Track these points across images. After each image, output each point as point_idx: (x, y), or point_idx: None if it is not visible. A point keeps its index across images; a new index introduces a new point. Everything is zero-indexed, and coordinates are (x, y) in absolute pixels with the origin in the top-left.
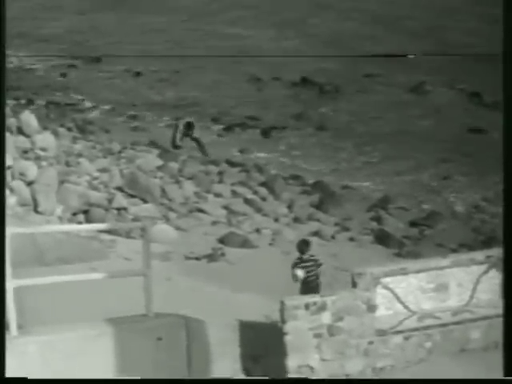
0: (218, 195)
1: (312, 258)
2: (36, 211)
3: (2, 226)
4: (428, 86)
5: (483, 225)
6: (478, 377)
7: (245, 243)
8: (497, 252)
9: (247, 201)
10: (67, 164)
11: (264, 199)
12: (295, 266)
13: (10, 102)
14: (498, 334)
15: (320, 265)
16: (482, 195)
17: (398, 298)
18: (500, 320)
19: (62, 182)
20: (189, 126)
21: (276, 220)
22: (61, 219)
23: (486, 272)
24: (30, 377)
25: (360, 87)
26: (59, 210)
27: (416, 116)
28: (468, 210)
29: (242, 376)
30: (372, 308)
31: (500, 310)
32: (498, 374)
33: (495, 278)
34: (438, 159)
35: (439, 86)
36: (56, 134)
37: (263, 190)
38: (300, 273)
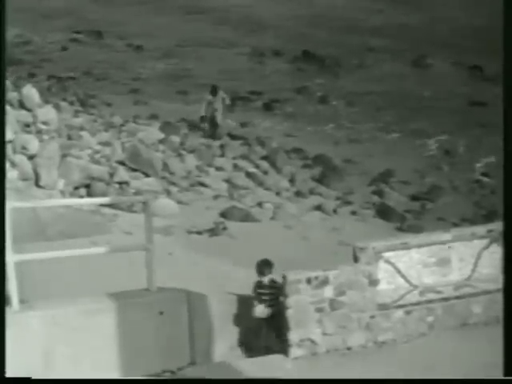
0: (219, 169)
1: (275, 284)
2: (37, 185)
3: (2, 200)
4: (429, 59)
5: (484, 199)
6: (479, 351)
7: (246, 217)
8: (498, 226)
9: (249, 174)
10: (69, 138)
11: (266, 173)
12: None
13: (11, 76)
14: (499, 308)
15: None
16: (483, 170)
17: (399, 273)
18: (501, 294)
19: (63, 156)
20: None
21: (278, 194)
22: (62, 193)
23: (487, 246)
24: (31, 351)
25: (361, 60)
26: (61, 183)
27: (417, 90)
28: (469, 184)
29: (243, 349)
30: (374, 282)
31: (501, 285)
32: (499, 349)
33: (496, 253)
34: (439, 133)
35: (440, 59)
36: (58, 107)
37: (265, 164)
38: (260, 310)
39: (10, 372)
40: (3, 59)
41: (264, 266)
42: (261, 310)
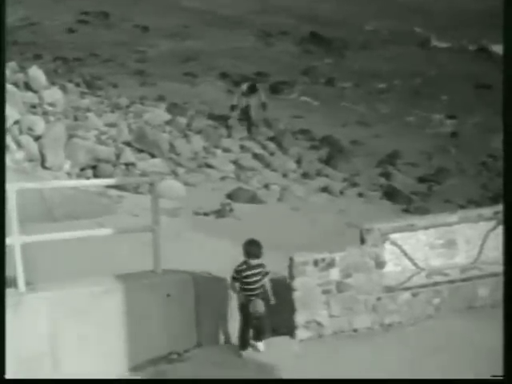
0: (226, 150)
1: (261, 266)
2: (44, 166)
3: (2, 181)
4: (434, 41)
5: (491, 181)
6: (485, 333)
7: (253, 199)
8: None
9: (256, 156)
10: (75, 119)
11: (272, 154)
12: (237, 275)
13: (17, 57)
14: None
15: (267, 274)
16: (489, 152)
17: (406, 255)
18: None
19: (69, 137)
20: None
21: (284, 175)
22: (69, 175)
23: (493, 228)
24: (38, 333)
25: (368, 42)
26: (67, 165)
27: (423, 71)
28: (476, 166)
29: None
30: (380, 264)
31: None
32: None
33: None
34: (445, 115)
35: (446, 41)
36: (64, 89)
37: (272, 145)
38: (261, 305)
39: (16, 354)
40: (3, 46)
41: (253, 246)
42: (261, 305)
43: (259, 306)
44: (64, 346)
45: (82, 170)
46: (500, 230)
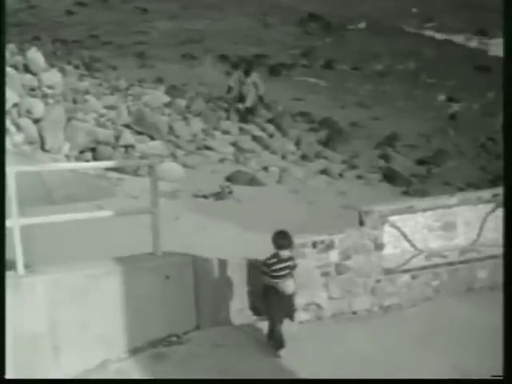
0: (225, 132)
1: (291, 259)
2: (43, 149)
3: (1, 164)
4: (434, 22)
5: (490, 164)
6: (484, 316)
7: (252, 181)
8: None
9: (255, 138)
10: (74, 101)
11: (271, 136)
12: (267, 268)
13: (16, 39)
14: None
15: (295, 266)
16: (488, 135)
17: (405, 237)
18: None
19: (69, 120)
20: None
21: (283, 157)
22: (68, 157)
23: (492, 211)
24: (37, 315)
25: (366, 25)
26: (66, 147)
27: (422, 54)
28: (475, 149)
29: (249, 313)
30: (379, 246)
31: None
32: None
33: (502, 218)
34: (445, 98)
35: (443, 23)
36: (63, 71)
37: (271, 127)
38: (291, 285)
39: (15, 336)
40: (3, 29)
41: (283, 238)
42: (292, 285)
43: (289, 287)
44: (63, 328)
45: (81, 152)
46: (499, 212)
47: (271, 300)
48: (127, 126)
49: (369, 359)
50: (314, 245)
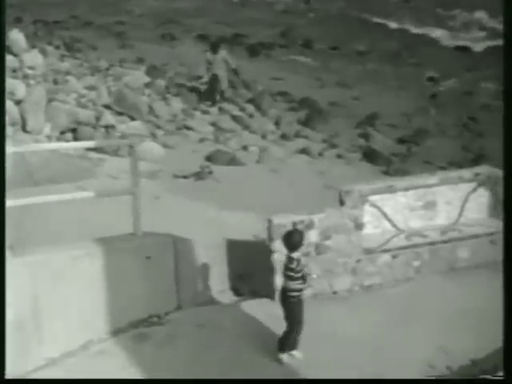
0: (205, 112)
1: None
2: (24, 130)
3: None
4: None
5: (472, 143)
6: (466, 295)
7: (232, 161)
8: (485, 170)
9: (234, 118)
10: (55, 82)
11: (251, 116)
12: (293, 271)
13: None
14: (486, 253)
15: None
16: (470, 114)
17: (385, 216)
18: (488, 239)
19: (50, 101)
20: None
21: (263, 137)
22: (49, 138)
23: (474, 190)
24: (20, 297)
25: (347, 4)
26: (47, 128)
27: (403, 35)
28: (456, 127)
29: (230, 294)
30: (359, 226)
31: (488, 229)
32: (485, 294)
33: (484, 197)
34: (425, 78)
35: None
36: (44, 52)
37: (250, 107)
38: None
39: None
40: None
41: (295, 236)
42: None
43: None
44: (45, 309)
45: (62, 133)
46: (481, 191)
47: (293, 305)
48: (108, 107)
49: (351, 339)
50: (294, 225)
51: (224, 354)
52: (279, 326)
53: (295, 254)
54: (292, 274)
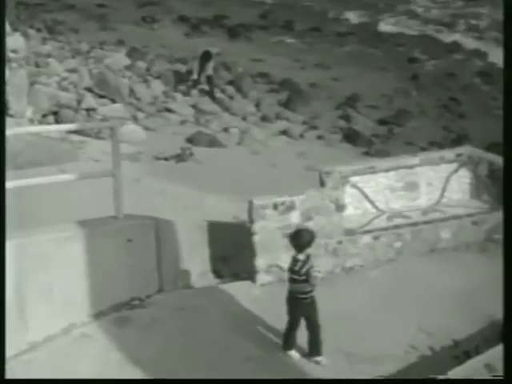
0: (185, 94)
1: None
2: (7, 114)
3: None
4: None
5: (453, 123)
6: (447, 276)
7: (213, 142)
8: (467, 150)
9: (215, 99)
10: (37, 65)
11: (232, 98)
12: (298, 274)
13: None
14: (468, 233)
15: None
16: (451, 94)
17: (366, 197)
18: (470, 220)
19: (32, 84)
20: (206, 58)
21: (244, 119)
22: (31, 121)
23: (456, 171)
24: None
25: None
26: (30, 111)
27: (383, 19)
28: (437, 108)
29: (211, 276)
30: (340, 207)
31: (470, 210)
32: (467, 275)
33: (465, 177)
34: (406, 59)
35: None
36: (26, 35)
37: (231, 89)
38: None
39: None
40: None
41: (304, 236)
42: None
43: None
44: (28, 293)
45: (44, 116)
46: (462, 172)
47: (298, 308)
48: (89, 90)
49: (332, 320)
50: (275, 206)
51: (205, 337)
52: (261, 309)
53: (301, 256)
54: (296, 276)
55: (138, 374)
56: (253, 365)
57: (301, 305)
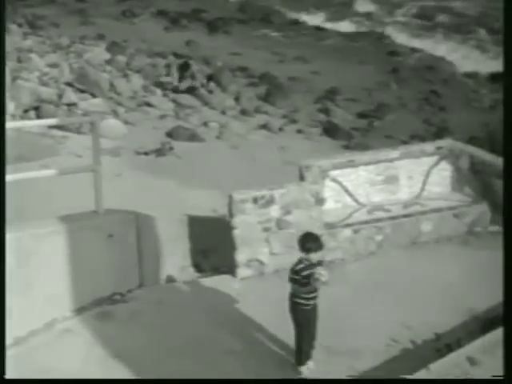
0: (165, 88)
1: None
2: None
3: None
4: None
5: (434, 116)
6: (429, 269)
7: (193, 137)
8: (447, 143)
9: (194, 93)
10: (19, 60)
11: (211, 92)
12: (296, 275)
13: None
14: (449, 226)
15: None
16: (431, 87)
17: (346, 191)
18: (451, 212)
19: (13, 79)
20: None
21: (223, 113)
22: (13, 116)
23: (436, 164)
24: None
25: None
26: (12, 107)
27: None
28: (417, 101)
29: (191, 270)
30: (320, 201)
31: (451, 203)
32: (449, 268)
33: (446, 170)
34: (386, 53)
35: None
36: (8, 30)
37: (210, 83)
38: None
39: None
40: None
41: (312, 240)
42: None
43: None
44: (10, 288)
45: (26, 111)
46: (443, 165)
47: (299, 314)
48: (70, 84)
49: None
50: (255, 200)
51: (187, 331)
52: (241, 302)
53: (306, 257)
54: (297, 277)
55: (120, 368)
56: (233, 358)
57: (301, 311)
